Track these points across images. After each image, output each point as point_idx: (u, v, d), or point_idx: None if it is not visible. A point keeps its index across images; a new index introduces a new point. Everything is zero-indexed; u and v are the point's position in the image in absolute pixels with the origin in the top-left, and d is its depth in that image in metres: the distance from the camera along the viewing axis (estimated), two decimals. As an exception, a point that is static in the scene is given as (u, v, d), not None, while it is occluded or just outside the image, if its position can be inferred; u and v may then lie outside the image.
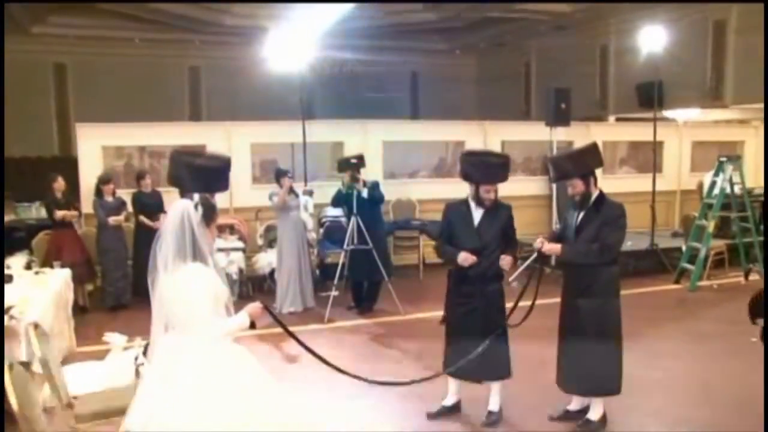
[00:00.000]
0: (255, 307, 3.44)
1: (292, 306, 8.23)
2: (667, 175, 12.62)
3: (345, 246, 8.21)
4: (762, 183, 12.43)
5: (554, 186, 10.82)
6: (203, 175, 4.37)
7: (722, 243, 10.24)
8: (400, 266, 10.47)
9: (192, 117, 18.58)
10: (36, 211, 10.84)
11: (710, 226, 9.61)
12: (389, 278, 8.31)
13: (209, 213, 3.42)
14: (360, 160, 8.32)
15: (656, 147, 11.20)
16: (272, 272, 9.12)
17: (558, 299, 5.14)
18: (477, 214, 5.07)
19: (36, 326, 4.17)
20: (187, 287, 3.25)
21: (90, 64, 17.85)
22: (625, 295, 5.70)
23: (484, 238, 5.01)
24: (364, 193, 8.15)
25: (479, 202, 5.06)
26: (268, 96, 15.52)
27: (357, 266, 8.24)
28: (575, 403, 5.22)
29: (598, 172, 5.13)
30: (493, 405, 5.24)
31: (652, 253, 10.27)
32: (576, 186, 4.85)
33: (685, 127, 13.68)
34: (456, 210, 5.19)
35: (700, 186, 12.35)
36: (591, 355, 4.86)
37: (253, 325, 3.46)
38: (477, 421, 5.22)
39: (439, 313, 8.25)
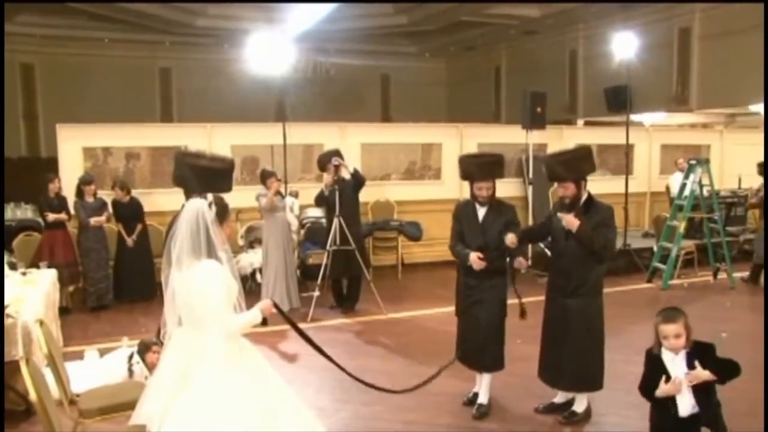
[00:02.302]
0: (266, 303, 3.54)
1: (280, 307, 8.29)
2: (638, 177, 12.96)
3: (328, 247, 8.30)
4: (727, 185, 12.86)
5: (529, 188, 11.04)
6: (208, 175, 4.41)
7: (692, 243, 10.56)
8: (379, 267, 10.61)
9: (163, 118, 18.49)
10: (11, 212, 10.74)
11: (681, 226, 9.90)
12: (369, 273, 8.41)
13: (222, 212, 3.51)
14: (338, 154, 8.41)
15: (628, 150, 11.47)
16: (254, 273, 9.18)
17: (533, 298, 5.41)
18: (481, 212, 5.30)
19: (41, 323, 4.20)
20: (203, 284, 3.31)
21: (58, 64, 17.67)
22: (608, 293, 5.92)
23: (488, 234, 5.23)
24: (351, 169, 8.29)
25: (476, 198, 5.30)
26: (240, 97, 15.56)
27: (337, 264, 8.34)
28: (560, 396, 5.39)
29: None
30: (483, 397, 5.44)
31: (625, 253, 10.55)
32: (568, 188, 4.99)
33: (653, 130, 14.04)
34: (463, 209, 5.45)
35: (668, 188, 12.72)
36: (577, 353, 5.04)
37: (264, 322, 3.58)
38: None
39: (421, 312, 8.49)
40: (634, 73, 11.33)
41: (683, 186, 10.19)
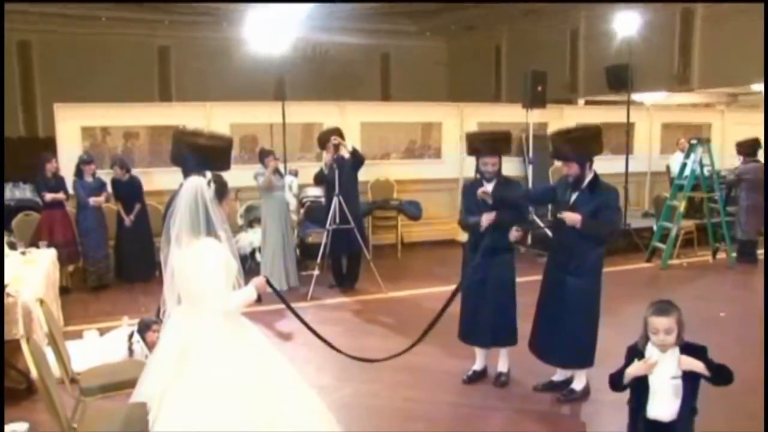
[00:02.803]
0: (260, 280, 3.53)
1: (277, 285, 8.27)
2: (638, 156, 12.92)
3: (327, 226, 8.29)
4: (728, 165, 12.81)
5: (530, 167, 11.02)
6: (206, 154, 4.43)
7: (692, 223, 10.56)
8: (379, 246, 10.62)
9: (161, 97, 18.40)
10: (10, 192, 10.73)
11: (681, 206, 9.89)
12: (370, 257, 8.43)
13: (221, 190, 3.50)
14: (338, 133, 8.38)
15: (629, 129, 11.44)
16: (253, 252, 9.18)
17: (532, 278, 5.50)
18: (488, 189, 5.32)
19: (42, 302, 4.21)
20: (202, 261, 3.31)
21: (56, 43, 17.52)
22: (606, 272, 5.93)
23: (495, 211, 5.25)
24: (349, 148, 8.28)
25: (483, 174, 5.37)
26: (239, 76, 15.46)
27: (337, 243, 8.35)
28: (559, 375, 5.41)
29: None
30: (502, 366, 5.57)
31: (625, 233, 10.55)
32: (571, 168, 4.97)
33: (654, 109, 13.98)
34: (471, 188, 5.48)
35: (668, 168, 12.70)
36: (571, 329, 5.04)
37: (259, 299, 3.58)
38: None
39: (420, 291, 8.51)
40: (635, 51, 11.26)
41: (684, 166, 10.16)
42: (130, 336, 5.67)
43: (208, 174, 3.44)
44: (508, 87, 19.25)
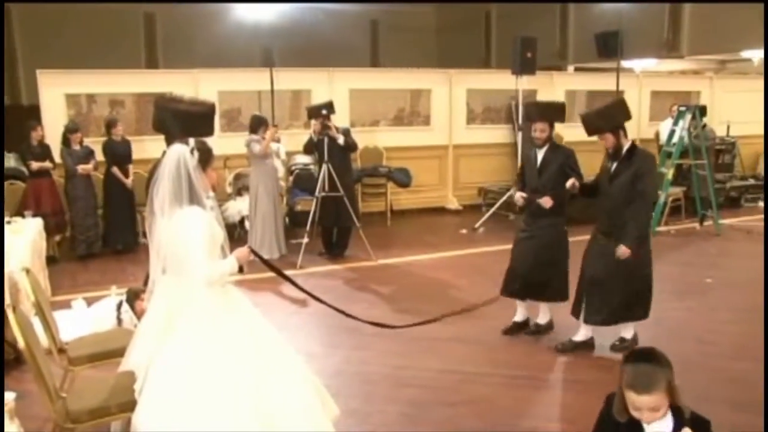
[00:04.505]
0: (242, 251, 3.48)
1: (268, 253, 8.26)
2: (628, 123, 12.83)
3: (316, 193, 8.26)
4: (716, 132, 12.83)
5: (519, 134, 10.98)
6: (189, 120, 4.36)
7: (679, 190, 10.59)
8: (368, 213, 10.61)
9: (148, 65, 18.15)
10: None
11: (669, 173, 9.91)
12: (359, 225, 8.43)
13: (205, 157, 3.43)
14: (330, 108, 8.31)
15: (618, 96, 11.39)
16: (242, 220, 9.16)
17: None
18: (540, 155, 5.71)
19: (27, 271, 4.18)
20: (185, 230, 3.26)
21: (37, 6, 17.21)
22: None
23: (543, 176, 5.67)
24: (341, 140, 8.20)
25: (533, 141, 5.74)
26: (227, 44, 15.26)
27: (327, 213, 8.33)
28: (581, 335, 5.55)
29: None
30: (542, 319, 5.92)
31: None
32: (608, 140, 5.19)
33: (643, 76, 13.94)
34: (526, 153, 6.02)
35: (657, 135, 12.70)
36: (619, 288, 5.25)
37: (241, 269, 3.54)
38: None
39: (410, 258, 8.54)
40: (625, 18, 11.19)
41: (672, 133, 10.16)
42: (119, 305, 5.65)
43: (192, 142, 3.39)
44: (497, 53, 19.09)
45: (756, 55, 14.77)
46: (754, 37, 11.98)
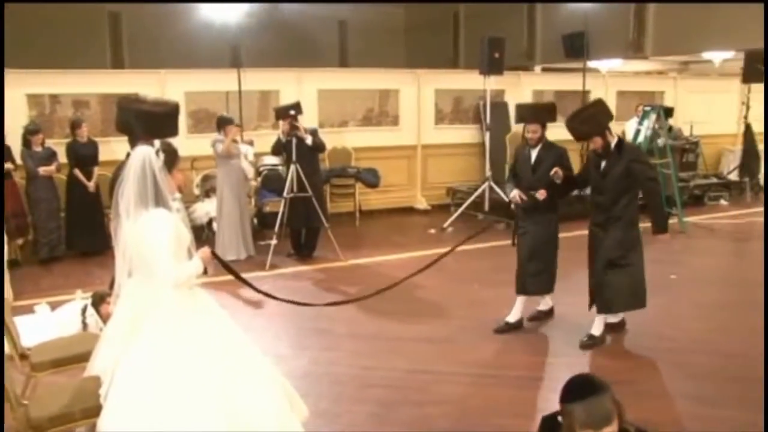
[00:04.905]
0: (205, 251, 3.45)
1: (235, 254, 8.23)
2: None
3: (285, 194, 8.23)
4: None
5: (487, 134, 11.05)
6: (152, 121, 4.34)
7: (645, 188, 10.71)
8: (337, 214, 10.58)
9: (114, 65, 17.93)
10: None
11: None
12: (327, 225, 8.42)
13: (171, 158, 3.41)
14: (297, 108, 8.29)
15: (584, 96, 11.54)
16: (210, 222, 9.09)
17: (490, 244, 5.73)
18: (533, 153, 5.92)
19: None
20: (150, 233, 3.24)
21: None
22: (560, 238, 6.06)
23: (538, 174, 5.85)
24: (309, 141, 8.16)
25: (527, 141, 6.01)
26: (194, 44, 15.13)
27: (295, 214, 8.29)
28: (596, 328, 5.69)
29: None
30: (543, 306, 6.23)
31: (579, 199, 10.66)
32: (596, 142, 5.45)
33: (609, 77, 14.12)
34: (520, 151, 6.18)
35: (623, 134, 12.85)
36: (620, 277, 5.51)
37: (205, 271, 3.51)
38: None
39: (378, 259, 8.54)
40: (591, 19, 11.32)
41: (637, 132, 10.29)
42: (84, 309, 5.58)
43: (157, 143, 3.37)
44: (466, 54, 19.19)
45: (716, 56, 15.08)
46: (715, 38, 12.22)
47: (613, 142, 5.44)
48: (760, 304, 6.32)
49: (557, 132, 6.45)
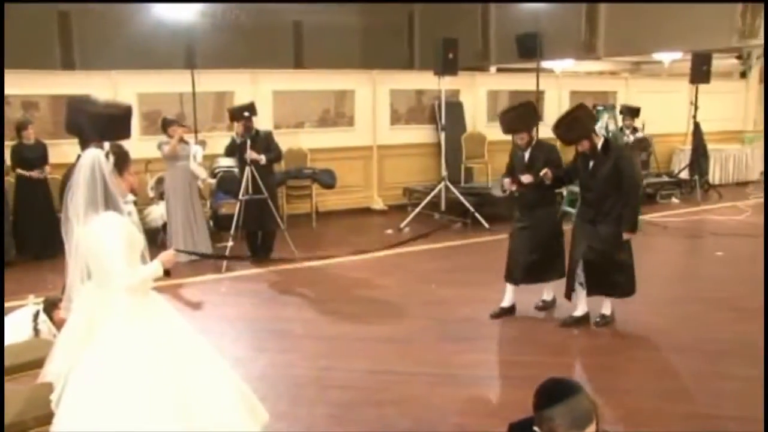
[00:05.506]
0: (168, 254, 3.43)
1: (187, 256, 8.13)
2: (549, 123, 13.17)
3: (240, 196, 8.17)
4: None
5: (442, 134, 11.12)
6: (104, 123, 4.27)
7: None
8: (293, 215, 10.55)
9: (64, 66, 17.56)
10: None
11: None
12: (284, 227, 8.37)
13: (122, 161, 3.36)
14: (252, 110, 8.23)
15: (539, 96, 11.69)
16: (165, 225, 8.95)
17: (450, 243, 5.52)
18: (526, 154, 6.13)
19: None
20: (102, 237, 3.19)
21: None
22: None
23: (533, 171, 5.99)
24: (263, 161, 8.15)
25: (518, 146, 6.16)
26: (147, 44, 14.91)
27: (250, 216, 8.23)
28: (580, 310, 6.05)
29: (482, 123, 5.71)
30: (547, 296, 6.46)
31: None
32: (584, 145, 5.66)
33: (562, 77, 14.33)
34: (515, 150, 6.31)
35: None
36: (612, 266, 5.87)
37: (167, 273, 3.47)
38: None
39: (335, 260, 8.54)
40: (544, 20, 11.46)
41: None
42: (36, 315, 5.44)
43: (107, 145, 3.31)
44: (421, 54, 19.29)
45: (666, 57, 15.43)
46: (665, 40, 12.49)
47: (600, 143, 5.66)
48: (713, 299, 6.54)
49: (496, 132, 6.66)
